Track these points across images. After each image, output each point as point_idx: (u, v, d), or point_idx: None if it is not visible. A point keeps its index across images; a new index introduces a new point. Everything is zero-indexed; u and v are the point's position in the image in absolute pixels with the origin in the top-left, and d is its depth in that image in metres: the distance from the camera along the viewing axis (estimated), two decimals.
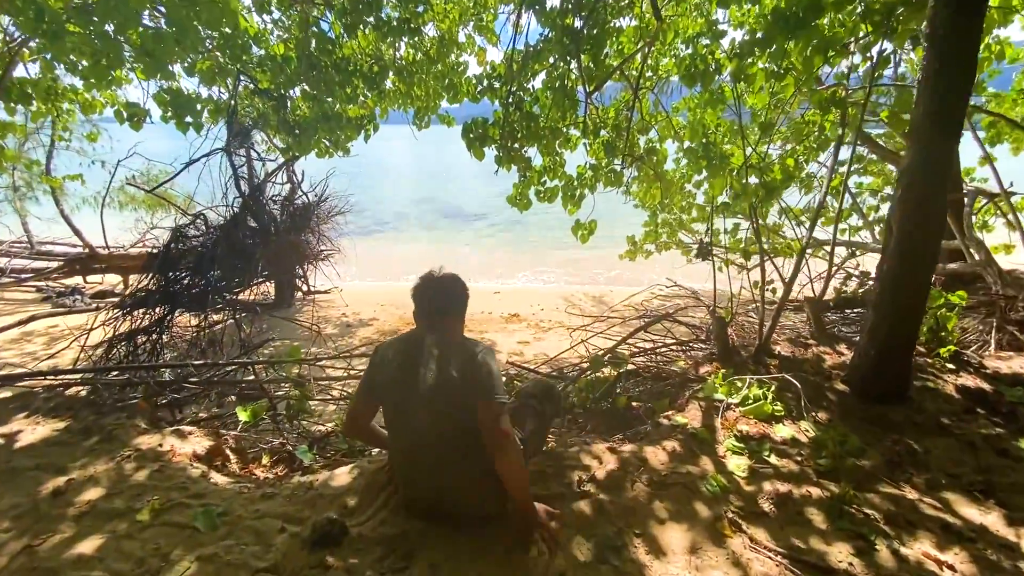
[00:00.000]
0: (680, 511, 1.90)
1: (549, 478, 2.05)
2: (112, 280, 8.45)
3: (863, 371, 2.69)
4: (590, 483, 2.01)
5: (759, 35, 3.16)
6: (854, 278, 5.83)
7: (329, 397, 3.51)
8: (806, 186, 4.69)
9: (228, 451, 2.42)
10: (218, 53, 4.46)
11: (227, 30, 4.47)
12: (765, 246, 7.00)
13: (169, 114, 4.87)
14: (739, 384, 2.74)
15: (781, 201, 4.00)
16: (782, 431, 2.41)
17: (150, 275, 4.57)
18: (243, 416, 2.82)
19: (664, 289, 8.51)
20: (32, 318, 5.27)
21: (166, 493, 1.90)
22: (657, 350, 4.15)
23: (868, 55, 3.16)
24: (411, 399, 1.66)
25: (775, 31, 3.05)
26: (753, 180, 3.59)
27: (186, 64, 4.65)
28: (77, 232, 7.73)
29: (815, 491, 2.03)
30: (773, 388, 2.61)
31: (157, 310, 4.44)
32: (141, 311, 4.43)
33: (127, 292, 5.07)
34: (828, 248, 5.65)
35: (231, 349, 4.31)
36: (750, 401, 2.57)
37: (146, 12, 3.80)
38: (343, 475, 2.05)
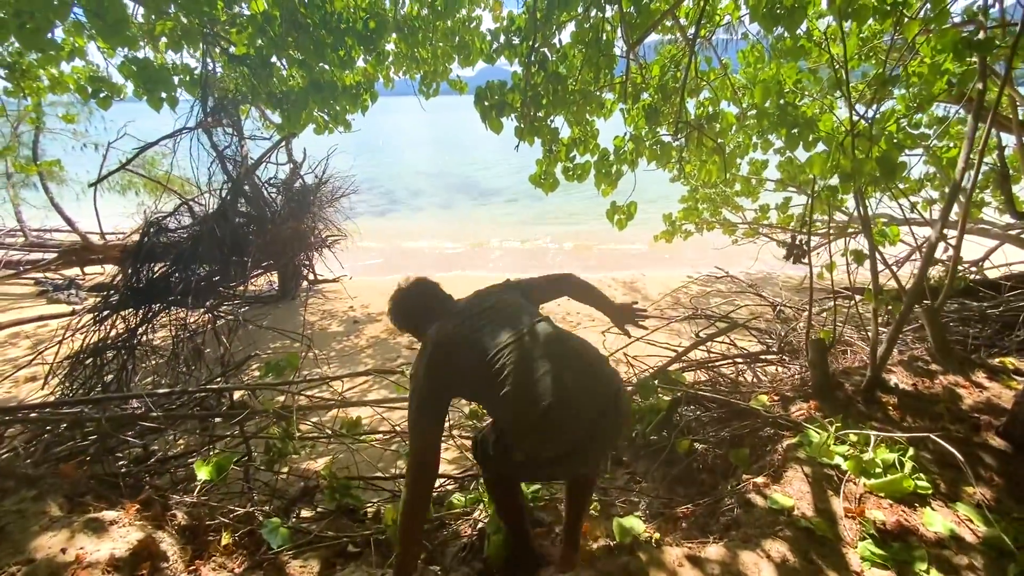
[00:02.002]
0: None
1: None
2: (113, 270, 8.01)
3: None
4: None
5: None
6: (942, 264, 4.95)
7: (319, 432, 2.89)
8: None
9: (169, 539, 1.81)
10: (180, 12, 3.73)
11: None
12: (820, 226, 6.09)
13: (140, 89, 4.24)
14: (853, 438, 2.01)
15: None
16: (934, 522, 1.68)
17: (122, 277, 4.00)
18: (203, 473, 2.21)
19: (700, 273, 7.70)
20: None
21: None
22: (716, 363, 3.42)
23: None
24: (525, 329, 1.58)
25: None
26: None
27: (146, 28, 3.97)
28: (69, 221, 7.24)
29: None
30: (911, 452, 1.87)
31: (130, 319, 3.88)
32: (113, 319, 3.88)
33: (101, 296, 4.51)
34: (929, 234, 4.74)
35: (212, 365, 3.73)
36: (878, 470, 1.84)
37: None
38: None
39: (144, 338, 4.03)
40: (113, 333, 3.86)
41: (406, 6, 4.98)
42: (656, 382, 2.89)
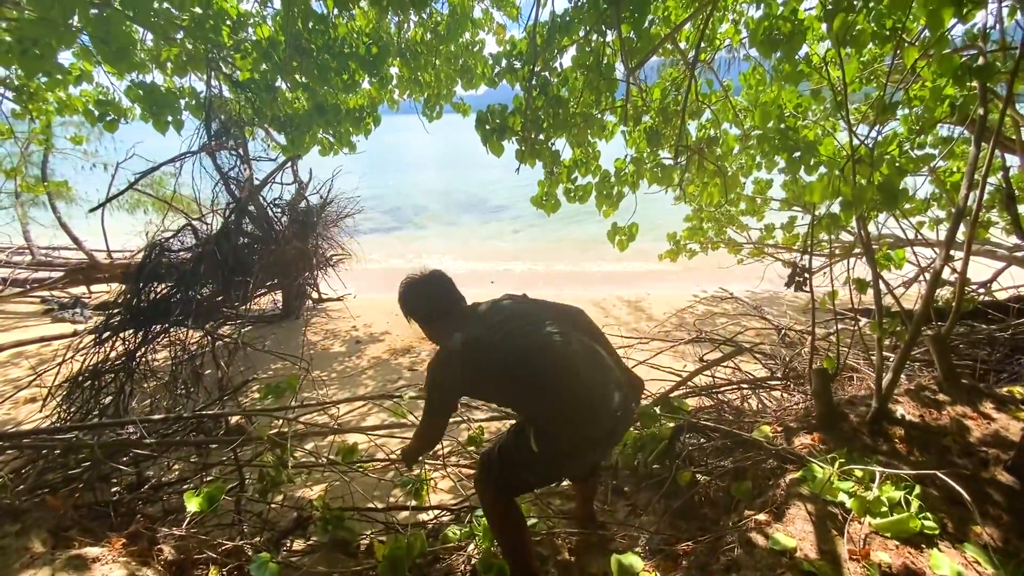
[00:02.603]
0: None
1: None
2: (119, 289, 8.06)
3: None
4: None
5: None
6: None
7: (314, 459, 2.85)
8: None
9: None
10: (187, 39, 3.80)
11: (197, 9, 3.82)
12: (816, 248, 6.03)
13: (147, 112, 4.34)
14: (858, 474, 1.95)
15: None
16: (941, 564, 1.62)
17: (124, 298, 4.01)
18: (193, 505, 2.17)
19: (705, 292, 7.66)
20: None
21: None
22: (720, 388, 3.36)
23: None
24: (557, 335, 1.72)
25: None
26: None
27: (154, 52, 4.05)
28: (75, 240, 7.32)
29: None
30: (918, 489, 1.81)
31: (131, 340, 3.88)
32: (113, 340, 3.88)
33: (105, 314, 4.53)
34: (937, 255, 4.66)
35: (211, 388, 3.71)
36: (884, 509, 1.78)
37: None
38: None
39: (144, 359, 4.03)
40: (113, 355, 3.86)
41: (409, 31, 5.06)
42: (658, 409, 2.84)
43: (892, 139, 3.23)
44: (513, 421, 2.31)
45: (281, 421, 2.94)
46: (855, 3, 2.61)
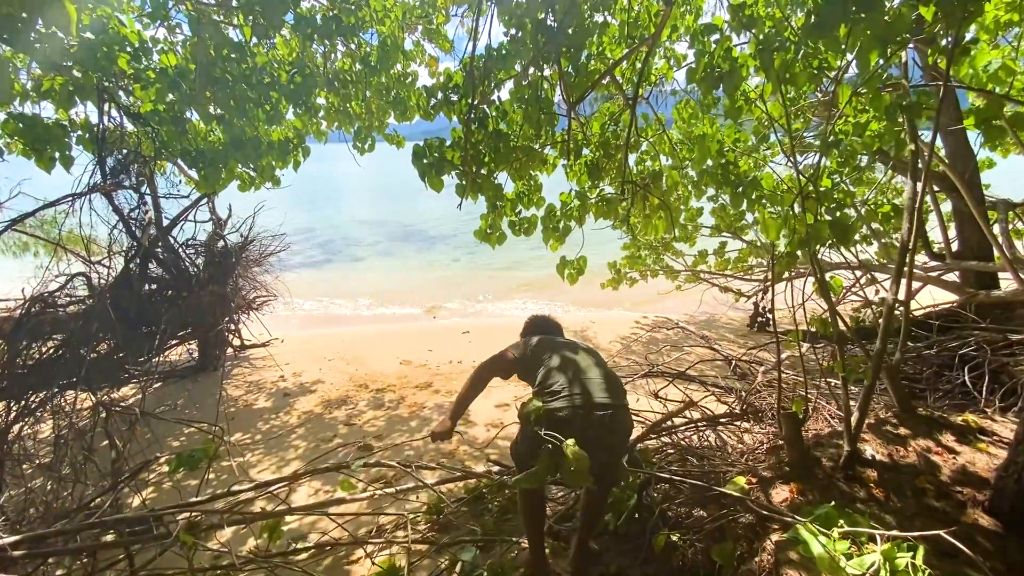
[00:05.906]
0: None
1: None
2: None
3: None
4: None
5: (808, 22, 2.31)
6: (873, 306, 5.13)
7: (231, 557, 2.39)
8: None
9: None
10: (76, 67, 3.32)
11: (89, 35, 3.36)
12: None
13: (28, 148, 3.78)
14: (843, 525, 1.82)
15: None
16: None
17: None
18: None
19: (648, 318, 7.75)
20: None
21: None
22: (679, 428, 3.24)
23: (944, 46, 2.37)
24: (575, 350, 2.40)
25: (835, 15, 2.22)
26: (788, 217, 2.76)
27: (34, 79, 3.54)
28: None
29: None
30: (921, 552, 1.69)
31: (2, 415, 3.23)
32: None
33: None
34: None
35: (105, 468, 3.12)
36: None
37: None
38: None
39: (19, 438, 3.37)
40: None
41: (337, 60, 4.78)
42: (624, 462, 2.64)
43: (823, 173, 3.33)
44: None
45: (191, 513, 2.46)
46: (787, 43, 2.65)
